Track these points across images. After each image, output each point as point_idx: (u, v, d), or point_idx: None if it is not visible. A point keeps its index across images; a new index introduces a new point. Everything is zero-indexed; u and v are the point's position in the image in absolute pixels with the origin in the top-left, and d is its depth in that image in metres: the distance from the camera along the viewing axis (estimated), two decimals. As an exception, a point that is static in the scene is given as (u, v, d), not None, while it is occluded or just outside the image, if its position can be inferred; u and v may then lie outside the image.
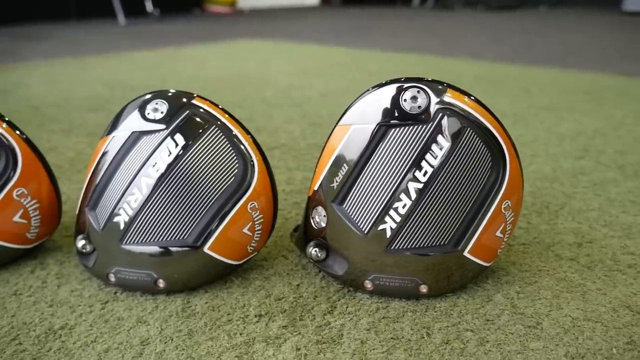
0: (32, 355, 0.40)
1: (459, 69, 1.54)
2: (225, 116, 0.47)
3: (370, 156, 0.43)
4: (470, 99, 0.43)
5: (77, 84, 1.39)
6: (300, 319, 0.43)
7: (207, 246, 0.45)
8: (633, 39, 2.21)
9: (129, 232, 0.45)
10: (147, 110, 0.46)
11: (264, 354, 0.39)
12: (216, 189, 0.45)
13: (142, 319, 0.43)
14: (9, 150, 0.48)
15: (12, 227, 0.49)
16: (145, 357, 0.39)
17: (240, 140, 0.46)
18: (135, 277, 0.46)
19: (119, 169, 0.46)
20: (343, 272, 0.46)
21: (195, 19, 3.63)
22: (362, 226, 0.44)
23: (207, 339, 0.41)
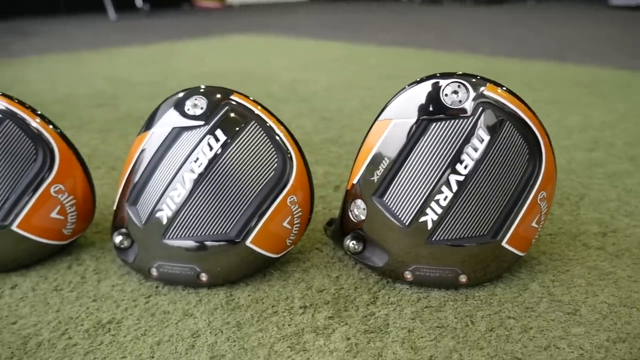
0: (84, 349, 0.40)
1: (458, 63, 1.55)
2: (263, 111, 0.47)
3: (412, 150, 0.44)
4: (507, 92, 0.44)
5: (77, 79, 1.37)
6: (344, 310, 0.44)
7: (249, 240, 0.46)
8: (625, 34, 2.25)
9: (172, 227, 0.46)
10: (187, 107, 0.46)
11: (315, 343, 0.40)
12: (257, 183, 0.46)
13: (188, 312, 0.44)
14: (46, 147, 0.48)
15: (49, 223, 0.50)
16: (197, 349, 0.40)
17: (278, 134, 0.47)
18: (178, 271, 0.47)
19: (160, 165, 0.46)
20: (383, 264, 0.47)
21: (184, 14, 3.60)
22: (403, 218, 0.45)
23: (257, 331, 0.42)
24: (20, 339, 0.41)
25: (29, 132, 0.48)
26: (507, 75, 1.36)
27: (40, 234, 0.49)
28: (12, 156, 0.47)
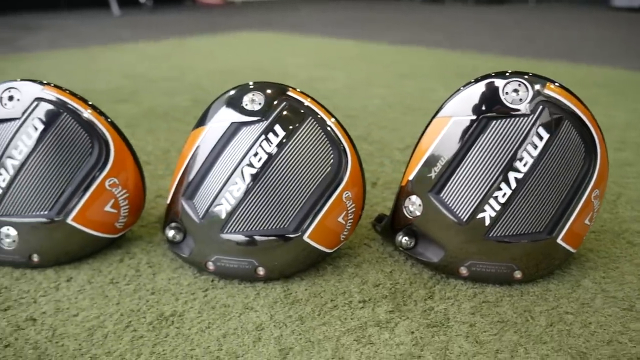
0: (151, 341, 0.40)
1: (471, 62, 1.56)
2: (319, 107, 0.47)
3: (471, 147, 0.45)
4: (564, 89, 0.45)
5: (93, 75, 1.37)
6: (403, 304, 0.44)
7: (306, 235, 0.46)
8: (631, 35, 2.26)
9: (231, 221, 0.46)
10: (244, 102, 0.47)
11: (380, 337, 0.40)
12: (314, 178, 0.46)
13: (248, 306, 0.44)
14: (102, 140, 0.48)
15: (103, 216, 0.50)
16: (264, 341, 0.40)
17: (334, 130, 0.47)
18: (236, 265, 0.47)
19: (218, 159, 0.46)
20: (438, 259, 0.47)
21: (187, 10, 3.59)
22: (460, 214, 0.45)
23: (320, 324, 0.42)
24: (85, 331, 0.41)
25: (85, 125, 0.48)
26: (522, 75, 1.37)
27: (94, 227, 0.50)
28: (68, 150, 0.47)
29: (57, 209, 0.48)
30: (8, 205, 0.48)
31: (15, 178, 0.47)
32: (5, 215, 0.48)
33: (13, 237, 0.49)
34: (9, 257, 0.49)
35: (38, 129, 0.47)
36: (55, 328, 0.42)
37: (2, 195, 0.48)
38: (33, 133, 0.47)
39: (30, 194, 0.48)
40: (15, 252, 0.49)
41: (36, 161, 0.47)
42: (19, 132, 0.47)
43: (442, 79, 1.31)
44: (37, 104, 0.47)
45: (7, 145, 0.47)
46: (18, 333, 0.41)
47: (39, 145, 0.47)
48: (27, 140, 0.47)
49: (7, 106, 0.47)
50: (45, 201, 0.48)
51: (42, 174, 0.47)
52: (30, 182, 0.47)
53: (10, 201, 0.48)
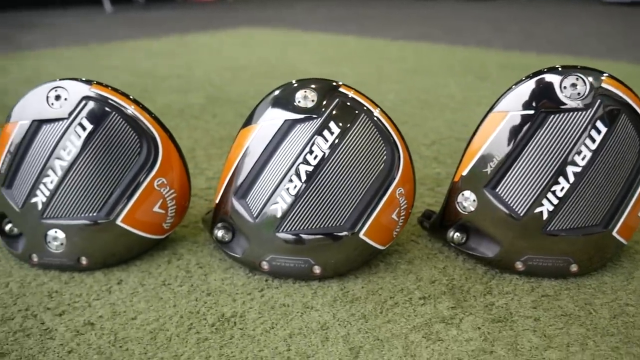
0: (217, 343, 0.40)
1: (477, 58, 1.56)
2: (370, 103, 0.47)
3: (528, 142, 0.44)
4: (620, 83, 0.45)
5: (101, 73, 1.35)
6: (464, 300, 0.44)
7: (362, 232, 0.46)
8: (628, 29, 2.28)
9: (286, 220, 0.46)
10: (297, 99, 0.46)
11: (448, 333, 0.40)
12: (369, 175, 0.46)
13: (308, 305, 0.44)
14: (150, 139, 0.48)
15: (151, 217, 0.49)
16: (332, 340, 0.40)
17: (386, 127, 0.47)
18: (292, 264, 0.47)
19: (273, 158, 0.46)
20: (494, 255, 0.47)
21: (180, 7, 3.56)
22: (517, 209, 0.45)
23: (385, 322, 0.42)
24: (147, 334, 0.41)
25: (133, 124, 0.47)
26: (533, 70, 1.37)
27: (142, 228, 0.49)
28: (117, 150, 0.47)
29: (106, 210, 0.47)
30: (56, 208, 0.47)
31: (64, 180, 0.46)
32: (53, 217, 0.47)
33: (61, 239, 0.48)
34: (56, 260, 0.48)
35: (87, 129, 0.46)
36: (116, 332, 0.41)
37: (50, 198, 0.47)
38: (82, 133, 0.46)
39: (79, 196, 0.47)
40: (63, 255, 0.48)
41: (85, 162, 0.46)
42: (67, 132, 0.46)
43: (452, 75, 1.32)
44: (85, 103, 0.46)
45: (55, 146, 0.46)
46: (79, 338, 0.40)
47: (88, 146, 0.46)
48: (75, 141, 0.46)
49: (54, 106, 0.46)
50: (94, 202, 0.47)
51: (91, 175, 0.46)
52: (79, 183, 0.46)
53: (58, 203, 0.47)
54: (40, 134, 0.47)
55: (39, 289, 0.46)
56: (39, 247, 0.48)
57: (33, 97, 0.47)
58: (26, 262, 0.50)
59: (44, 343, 0.40)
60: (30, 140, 0.47)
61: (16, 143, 0.47)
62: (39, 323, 0.42)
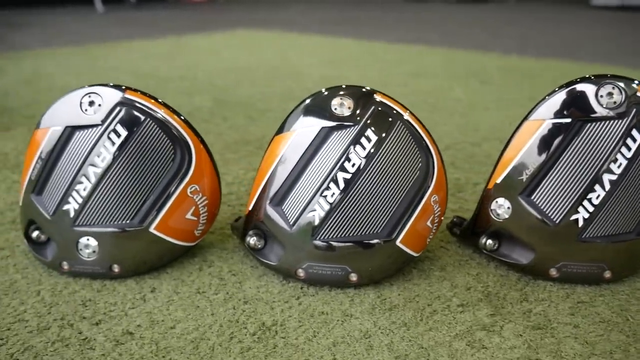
0: (262, 352, 0.39)
1: (479, 61, 1.58)
2: (406, 111, 0.47)
3: (565, 150, 0.45)
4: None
5: (102, 74, 1.34)
6: (501, 307, 0.45)
7: (399, 239, 0.46)
8: (619, 33, 2.32)
9: (324, 228, 0.45)
10: (333, 106, 0.46)
11: (491, 341, 0.40)
12: (406, 182, 0.46)
13: (347, 313, 0.44)
14: (184, 146, 0.47)
15: (183, 224, 0.49)
16: (377, 349, 0.40)
17: (420, 133, 0.47)
18: (329, 272, 0.47)
19: (310, 165, 0.46)
20: (528, 261, 0.48)
21: (172, 8, 3.54)
22: (552, 217, 0.46)
23: (427, 330, 0.42)
24: (188, 344, 0.40)
25: (167, 131, 0.46)
26: (534, 74, 1.39)
27: (175, 235, 0.48)
28: (151, 156, 0.46)
29: (139, 217, 0.47)
30: (88, 215, 0.46)
31: (97, 187, 0.46)
32: (86, 225, 0.47)
33: (93, 247, 0.47)
34: (88, 267, 0.48)
35: (121, 136, 0.45)
36: (157, 341, 0.41)
37: (83, 205, 0.46)
38: (116, 140, 0.45)
39: (112, 203, 0.46)
40: (95, 263, 0.47)
41: (119, 169, 0.46)
42: (101, 139, 0.45)
43: (455, 78, 1.32)
44: (120, 109, 0.46)
45: (89, 152, 0.45)
46: (120, 348, 0.40)
47: (122, 153, 0.45)
48: (110, 147, 0.45)
49: (87, 112, 0.46)
50: (127, 210, 0.46)
51: (125, 182, 0.46)
52: (112, 190, 0.46)
53: (91, 211, 0.46)
54: (73, 141, 0.46)
55: (71, 297, 0.46)
56: (70, 254, 0.48)
57: (65, 103, 0.46)
58: (56, 269, 0.49)
59: (85, 353, 0.39)
60: (63, 147, 0.46)
61: (48, 149, 0.46)
62: (76, 332, 0.41)
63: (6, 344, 0.40)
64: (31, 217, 0.49)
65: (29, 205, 0.48)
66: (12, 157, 0.77)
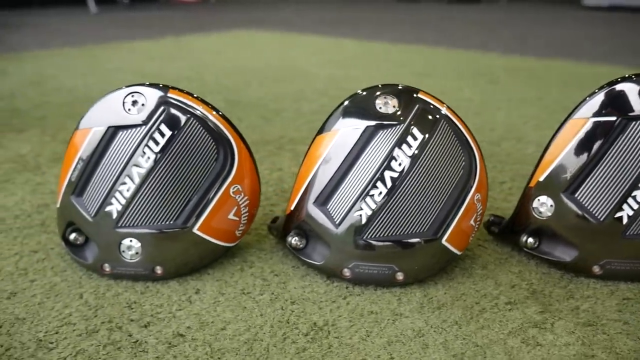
0: (318, 353, 0.39)
1: (481, 61, 1.59)
2: (448, 108, 0.47)
3: (610, 148, 0.45)
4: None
5: (107, 75, 1.32)
6: (549, 304, 0.45)
7: (444, 238, 0.46)
8: (613, 34, 2.35)
9: (371, 227, 0.45)
10: (378, 105, 0.46)
11: (545, 338, 0.41)
12: (451, 181, 0.46)
13: (397, 312, 0.44)
14: (227, 145, 0.47)
15: (226, 225, 0.48)
16: (432, 348, 0.40)
17: (462, 131, 0.47)
18: (376, 271, 0.46)
19: (356, 164, 0.45)
20: (571, 259, 0.48)
21: (165, 8, 3.51)
22: (597, 214, 0.46)
23: (479, 328, 0.42)
24: (242, 345, 0.40)
25: (210, 131, 0.46)
26: (541, 74, 1.40)
27: (217, 236, 0.48)
28: (195, 156, 0.46)
29: (183, 218, 0.46)
30: (132, 216, 0.46)
31: (141, 187, 0.45)
32: (129, 226, 0.46)
33: (136, 248, 0.47)
34: (131, 269, 0.47)
35: (165, 135, 0.45)
36: (210, 343, 0.40)
37: (126, 206, 0.45)
38: (160, 140, 0.45)
39: (156, 204, 0.46)
40: (138, 265, 0.47)
41: (163, 169, 0.45)
42: (145, 139, 0.45)
43: (463, 78, 1.33)
44: (164, 109, 0.45)
45: (133, 153, 0.45)
46: (174, 350, 0.39)
47: (167, 153, 0.45)
48: (154, 147, 0.45)
49: (130, 112, 0.45)
50: (171, 210, 0.46)
51: (169, 183, 0.45)
52: (156, 191, 0.45)
53: (134, 212, 0.46)
54: (116, 141, 0.45)
55: (116, 299, 0.45)
56: (112, 256, 0.47)
57: (107, 103, 0.46)
58: (96, 272, 0.48)
59: (138, 356, 0.39)
60: (105, 147, 0.45)
61: (89, 150, 0.46)
62: (126, 335, 0.41)
63: (57, 348, 0.39)
64: (71, 219, 0.48)
65: (69, 207, 0.47)
66: (31, 159, 0.76)
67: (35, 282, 0.47)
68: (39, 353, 0.39)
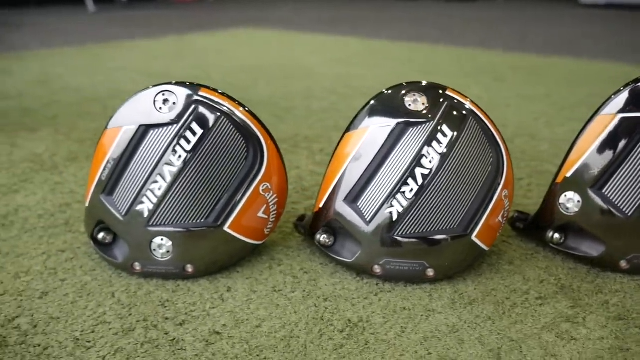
0: (356, 349, 0.39)
1: (485, 59, 1.59)
2: (475, 106, 0.47)
3: (638, 143, 0.46)
4: None
5: (109, 74, 1.32)
6: (579, 299, 0.45)
7: (474, 234, 0.47)
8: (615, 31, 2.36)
9: (402, 223, 0.46)
10: (407, 102, 0.46)
11: (578, 332, 0.41)
12: (480, 178, 0.46)
13: (429, 308, 0.44)
14: (257, 143, 0.47)
15: (255, 223, 0.48)
16: (468, 343, 0.40)
17: (490, 129, 0.47)
18: (407, 268, 0.47)
19: (387, 161, 0.46)
20: (598, 254, 0.49)
21: (163, 7, 3.50)
22: (625, 209, 0.47)
23: (512, 323, 0.42)
24: (280, 342, 0.40)
25: (240, 129, 0.46)
26: (542, 71, 1.41)
27: (246, 234, 0.48)
28: (225, 155, 0.46)
29: (214, 216, 0.46)
30: (163, 215, 0.46)
31: (172, 186, 0.45)
32: (160, 225, 0.46)
33: (167, 247, 0.47)
34: (161, 268, 0.47)
35: (197, 134, 0.45)
36: (247, 340, 0.40)
37: (158, 205, 0.46)
38: (192, 138, 0.45)
39: (187, 202, 0.46)
40: (169, 263, 0.47)
41: (194, 167, 0.45)
42: (177, 137, 0.45)
43: (468, 76, 1.34)
44: (195, 107, 0.45)
45: (165, 151, 0.45)
46: (212, 348, 0.39)
47: (198, 151, 0.45)
48: (186, 146, 0.45)
49: (162, 110, 0.45)
50: (202, 209, 0.46)
51: (200, 181, 0.45)
52: (188, 189, 0.45)
53: (166, 210, 0.46)
54: (147, 139, 0.45)
55: (148, 298, 0.45)
56: (143, 255, 0.47)
57: (137, 102, 0.46)
58: (126, 271, 0.48)
59: (177, 354, 0.39)
60: (136, 146, 0.45)
61: (120, 149, 0.46)
62: (162, 334, 0.41)
63: (95, 347, 0.39)
64: (100, 218, 0.48)
65: (99, 206, 0.47)
66: (47, 159, 0.75)
67: (66, 281, 0.47)
68: (77, 352, 0.39)
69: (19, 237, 0.55)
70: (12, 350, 0.39)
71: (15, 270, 0.49)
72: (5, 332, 0.41)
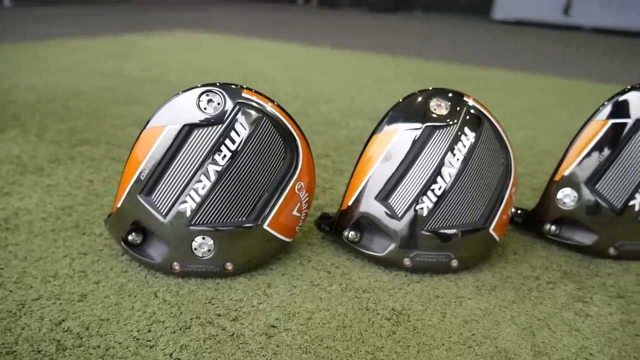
0: (408, 333, 0.43)
1: (430, 69, 1.69)
2: (487, 110, 0.52)
3: (625, 145, 0.53)
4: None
5: (61, 74, 1.26)
6: (581, 282, 0.51)
7: (492, 227, 0.51)
8: (534, 46, 2.57)
9: (432, 218, 0.49)
10: (432, 107, 0.50)
11: (591, 310, 0.47)
12: (495, 176, 0.51)
13: (459, 295, 0.48)
14: (294, 144, 0.49)
15: (290, 220, 0.50)
16: (503, 323, 0.44)
17: (500, 132, 0.53)
18: (434, 259, 0.50)
19: (417, 161, 0.49)
20: (591, 242, 0.55)
21: (83, 5, 3.34)
22: (615, 203, 0.54)
23: (534, 305, 0.47)
24: (335, 331, 0.42)
25: (280, 130, 0.48)
26: (492, 83, 1.52)
27: (282, 231, 0.50)
28: (266, 155, 0.47)
29: (255, 215, 0.48)
30: (205, 214, 0.46)
31: (216, 185, 0.46)
32: (202, 224, 0.47)
33: (209, 246, 0.47)
34: (202, 267, 0.48)
35: (241, 134, 0.46)
36: (304, 332, 0.42)
37: (200, 204, 0.46)
38: (237, 138, 0.46)
39: (229, 201, 0.47)
40: (210, 262, 0.47)
41: (238, 167, 0.46)
42: (222, 137, 0.46)
43: (422, 85, 1.41)
44: (239, 108, 0.46)
45: (210, 151, 0.46)
46: (274, 340, 0.41)
47: (242, 151, 0.46)
48: (231, 146, 0.46)
49: (206, 110, 0.46)
50: (244, 207, 0.47)
51: (242, 180, 0.47)
52: (231, 188, 0.46)
53: (209, 209, 0.46)
54: (191, 139, 0.46)
55: (193, 296, 0.45)
56: (183, 254, 0.47)
57: (180, 102, 0.46)
58: (165, 270, 0.48)
59: (242, 347, 0.40)
60: (180, 146, 0.46)
61: (163, 148, 0.46)
62: (220, 329, 0.42)
63: (157, 345, 0.39)
64: (137, 219, 0.47)
65: (135, 206, 0.47)
66: (28, 160, 0.71)
67: (101, 283, 0.46)
68: (141, 351, 0.39)
69: (30, 240, 0.52)
70: (71, 353, 0.38)
71: (41, 275, 0.47)
72: (58, 336, 0.40)
